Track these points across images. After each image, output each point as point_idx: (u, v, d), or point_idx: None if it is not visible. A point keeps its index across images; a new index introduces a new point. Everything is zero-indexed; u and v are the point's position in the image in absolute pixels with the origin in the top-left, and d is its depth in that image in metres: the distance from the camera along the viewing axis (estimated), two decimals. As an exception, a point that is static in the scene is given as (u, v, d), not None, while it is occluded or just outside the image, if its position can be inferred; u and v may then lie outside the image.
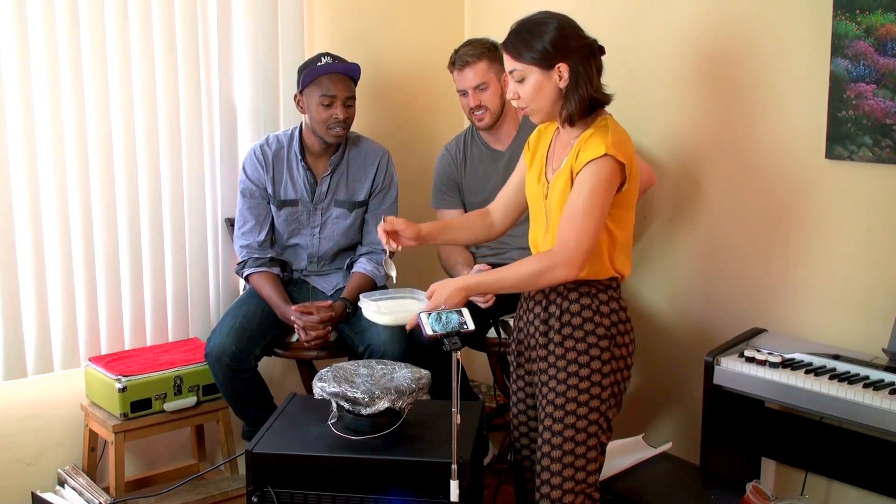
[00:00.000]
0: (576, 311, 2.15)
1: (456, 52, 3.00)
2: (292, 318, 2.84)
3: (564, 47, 2.09)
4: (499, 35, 3.10)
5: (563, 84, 2.11)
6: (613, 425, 2.22)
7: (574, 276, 2.08)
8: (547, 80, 2.11)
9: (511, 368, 2.39)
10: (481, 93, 2.96)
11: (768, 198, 2.79)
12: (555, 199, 2.17)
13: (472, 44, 3.00)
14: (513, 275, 2.12)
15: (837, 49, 2.53)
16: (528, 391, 2.33)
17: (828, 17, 2.54)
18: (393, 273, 2.39)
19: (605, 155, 2.05)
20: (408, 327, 2.21)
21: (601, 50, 2.15)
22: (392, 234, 2.30)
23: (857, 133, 2.53)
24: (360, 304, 2.48)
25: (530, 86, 2.13)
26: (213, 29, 3.07)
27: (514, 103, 2.20)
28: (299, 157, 2.98)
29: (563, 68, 2.10)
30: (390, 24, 3.52)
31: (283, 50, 3.21)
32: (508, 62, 2.15)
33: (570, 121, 2.14)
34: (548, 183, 2.21)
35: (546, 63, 2.10)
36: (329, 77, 2.88)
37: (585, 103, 2.12)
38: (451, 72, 3.02)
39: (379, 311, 2.42)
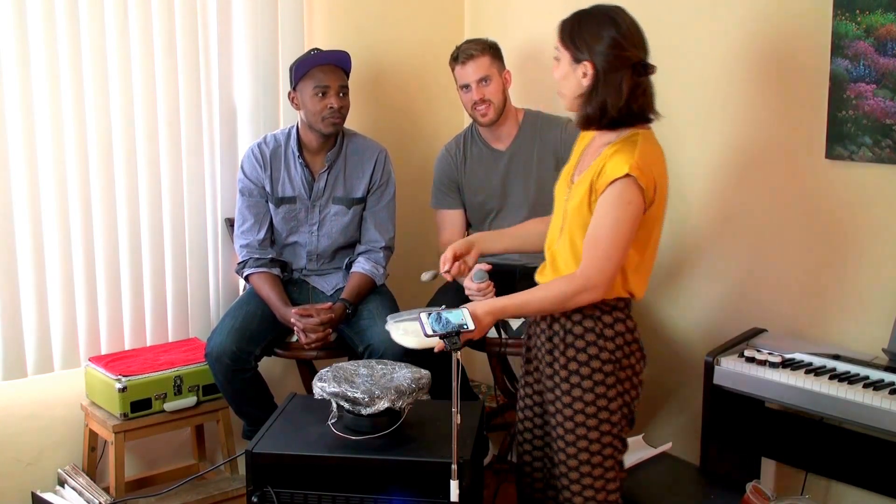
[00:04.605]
0: (579, 333, 2.11)
1: (458, 47, 3.02)
2: (292, 320, 2.84)
3: (593, 48, 2.04)
4: (498, 35, 3.15)
5: (586, 82, 2.07)
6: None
7: (599, 298, 2.06)
8: (572, 71, 2.09)
9: (520, 374, 2.35)
10: (484, 87, 2.97)
11: (768, 198, 2.79)
12: (573, 205, 2.11)
13: (473, 41, 3.03)
14: (540, 299, 2.10)
15: (837, 49, 2.53)
16: (535, 399, 2.29)
17: (828, 17, 2.54)
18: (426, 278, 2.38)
19: (628, 175, 1.99)
20: (436, 349, 2.09)
21: (645, 69, 2.06)
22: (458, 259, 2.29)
23: (857, 133, 2.53)
24: (387, 327, 2.34)
25: (561, 69, 2.11)
26: (213, 29, 3.07)
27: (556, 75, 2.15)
28: (297, 155, 2.98)
29: (588, 67, 2.06)
30: (390, 25, 3.52)
31: (283, 50, 3.21)
32: (556, 38, 2.12)
33: (584, 124, 2.11)
34: (572, 184, 2.17)
35: (574, 55, 2.08)
36: (320, 68, 2.89)
37: (601, 113, 2.06)
38: (453, 68, 3.02)
39: (406, 332, 2.28)
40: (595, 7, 2.11)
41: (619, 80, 2.04)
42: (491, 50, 3.00)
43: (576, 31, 2.08)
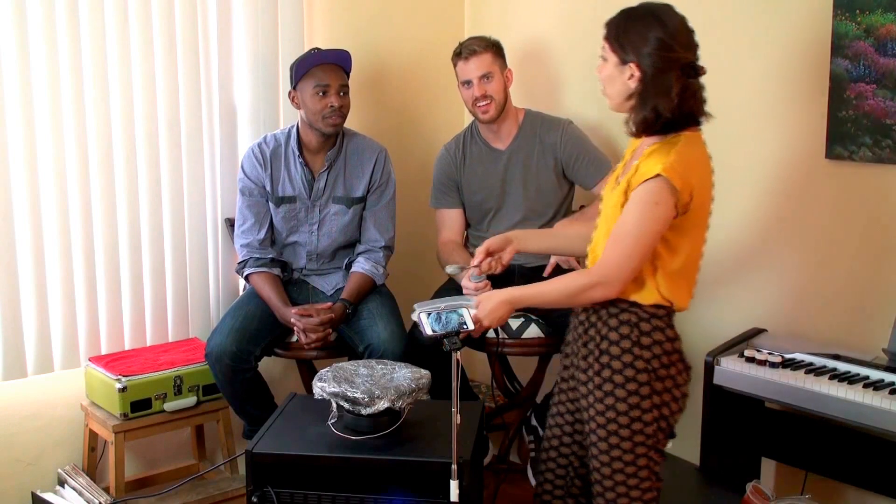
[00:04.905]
0: (615, 339, 2.05)
1: (461, 43, 3.03)
2: (292, 320, 2.84)
3: (640, 50, 1.96)
4: (499, 34, 3.14)
5: (632, 84, 2.00)
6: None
7: (613, 296, 2.01)
8: (618, 73, 2.01)
9: (558, 374, 2.29)
10: (487, 83, 2.97)
11: (768, 198, 2.79)
12: (610, 205, 2.07)
13: (476, 37, 3.04)
14: (553, 290, 2.06)
15: (837, 49, 2.53)
16: (569, 406, 2.24)
17: (828, 17, 2.54)
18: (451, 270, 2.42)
19: (658, 176, 1.92)
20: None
21: (694, 70, 1.99)
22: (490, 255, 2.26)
23: (857, 133, 2.53)
24: (413, 316, 2.26)
25: (606, 70, 2.04)
26: (213, 29, 3.07)
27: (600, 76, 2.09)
28: (297, 154, 2.98)
29: (634, 69, 1.98)
30: (390, 25, 3.53)
31: (283, 50, 3.20)
32: (602, 38, 2.05)
33: (641, 129, 2.02)
34: (616, 185, 2.09)
35: (620, 56, 2.00)
36: (321, 67, 2.90)
37: (655, 116, 1.98)
38: (455, 64, 3.03)
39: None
40: (642, 5, 2.04)
41: (668, 83, 1.96)
42: (493, 47, 3.01)
43: (622, 32, 2.00)
